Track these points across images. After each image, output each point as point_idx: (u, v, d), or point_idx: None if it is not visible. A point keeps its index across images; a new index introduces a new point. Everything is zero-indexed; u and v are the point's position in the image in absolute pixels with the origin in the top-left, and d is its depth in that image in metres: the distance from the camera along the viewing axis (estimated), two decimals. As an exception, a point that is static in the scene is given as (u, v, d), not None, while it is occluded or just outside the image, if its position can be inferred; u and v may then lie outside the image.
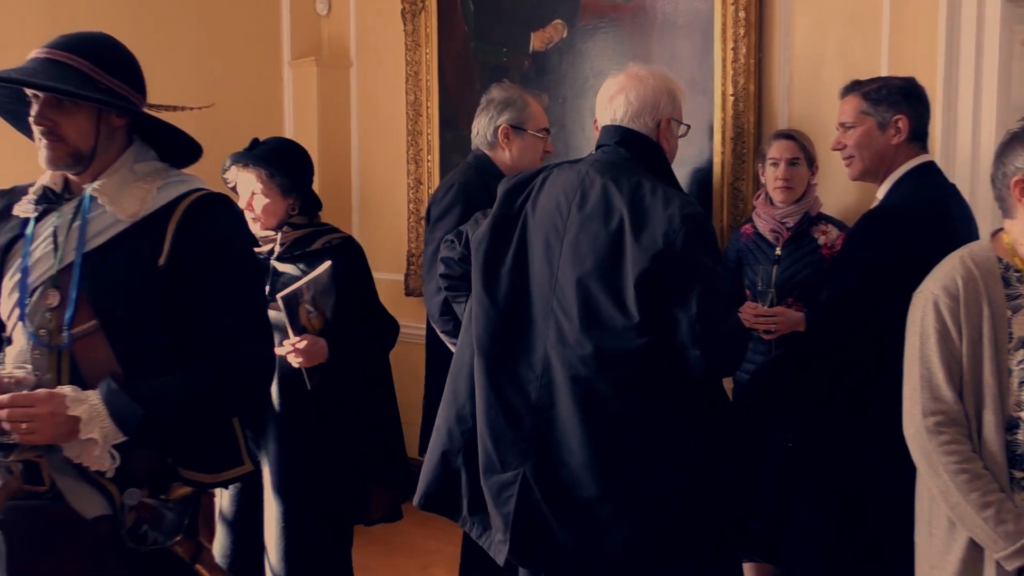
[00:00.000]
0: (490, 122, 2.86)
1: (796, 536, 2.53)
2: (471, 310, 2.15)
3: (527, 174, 2.19)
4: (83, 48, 1.67)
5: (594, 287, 1.94)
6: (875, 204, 2.39)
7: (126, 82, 1.71)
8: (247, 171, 2.51)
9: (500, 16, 3.86)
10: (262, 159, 2.50)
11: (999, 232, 1.84)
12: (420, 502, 2.18)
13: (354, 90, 4.54)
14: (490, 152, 2.88)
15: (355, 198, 4.59)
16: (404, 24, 4.19)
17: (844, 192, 2.94)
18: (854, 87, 2.41)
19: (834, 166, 2.78)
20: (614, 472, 1.91)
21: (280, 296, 2.31)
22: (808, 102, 3.03)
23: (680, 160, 2.38)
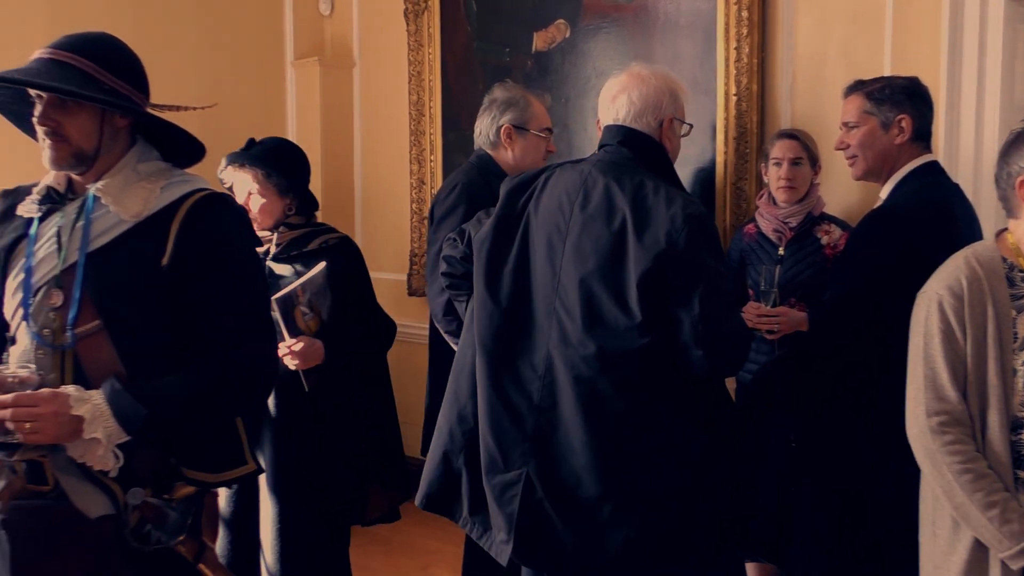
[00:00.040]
0: (493, 122, 2.86)
1: (797, 536, 2.53)
2: (473, 310, 2.15)
3: (530, 174, 2.19)
4: (86, 48, 1.67)
5: (597, 287, 1.94)
6: (878, 204, 2.38)
7: (129, 82, 1.71)
8: (243, 171, 2.50)
9: (503, 16, 3.86)
10: (258, 159, 2.48)
11: (1003, 232, 1.84)
12: (421, 502, 2.18)
13: (357, 90, 4.54)
14: (493, 152, 2.88)
15: (358, 198, 4.59)
16: (407, 24, 4.19)
17: (847, 192, 2.94)
18: (857, 87, 2.41)
19: (837, 166, 2.77)
20: (615, 472, 1.91)
21: (274, 298, 2.29)
22: (811, 102, 3.03)
23: (683, 160, 2.38)
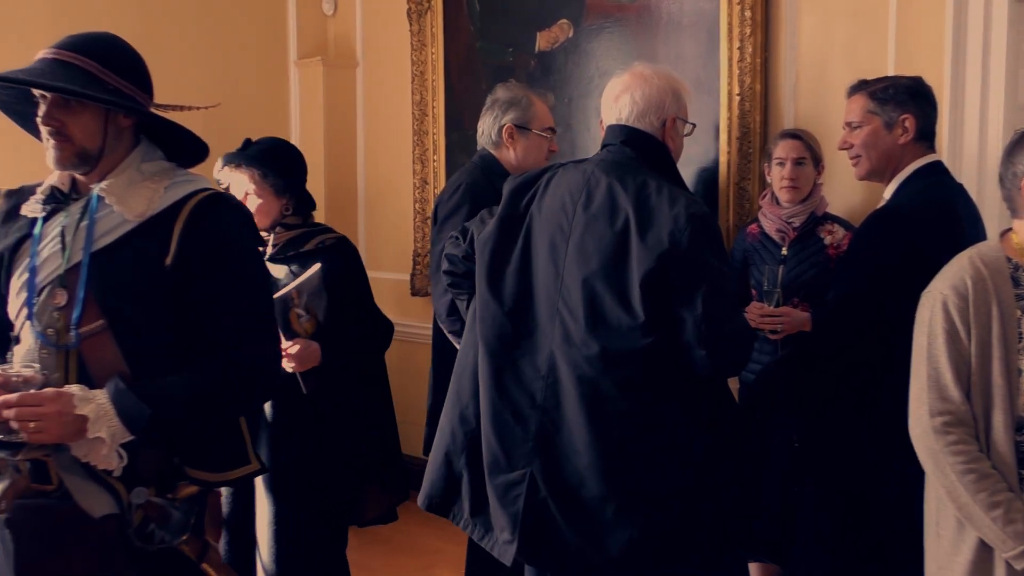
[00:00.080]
0: (495, 121, 2.86)
1: (800, 536, 2.53)
2: (474, 310, 2.15)
3: (532, 173, 2.19)
4: (90, 48, 1.67)
5: (600, 287, 1.94)
6: (882, 204, 2.38)
7: (133, 82, 1.71)
8: (239, 172, 2.49)
9: (506, 16, 3.86)
10: (255, 159, 2.48)
11: (1008, 232, 1.84)
12: (423, 503, 2.18)
13: (360, 90, 4.55)
14: (495, 152, 2.88)
15: (361, 198, 4.59)
16: (410, 24, 4.20)
17: (850, 192, 2.94)
18: (861, 86, 2.41)
19: (840, 166, 2.77)
20: (618, 472, 1.91)
21: None
22: (814, 101, 3.03)
23: (686, 160, 2.38)
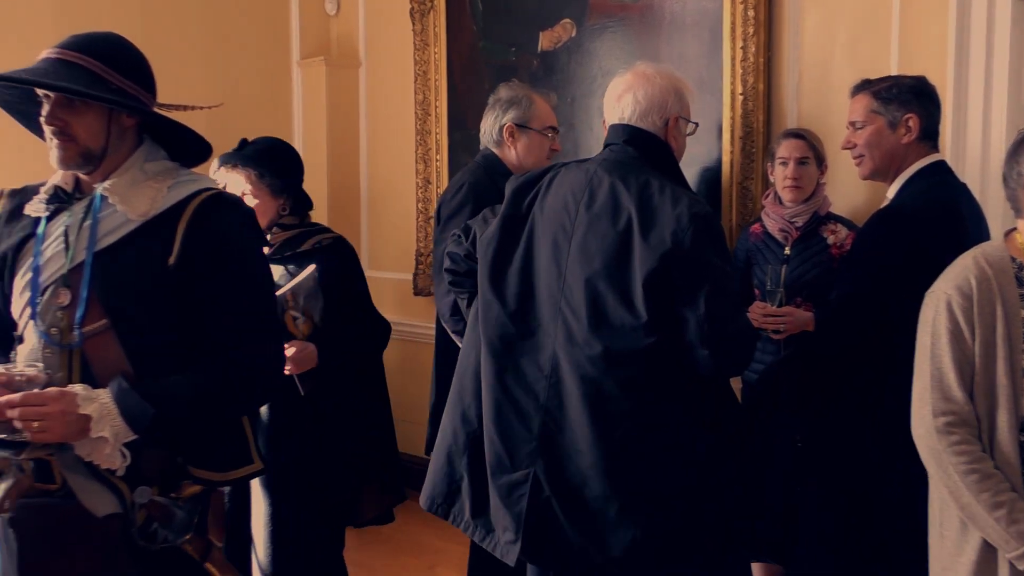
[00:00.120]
0: (495, 121, 2.87)
1: (803, 536, 2.53)
2: (477, 310, 2.15)
3: (535, 173, 2.19)
4: (94, 48, 1.67)
5: (602, 287, 1.94)
6: (885, 203, 2.38)
7: (136, 82, 1.71)
8: (236, 172, 2.47)
9: (509, 15, 3.86)
10: (251, 159, 2.47)
11: (1012, 232, 1.83)
12: (425, 504, 2.18)
13: (363, 90, 4.55)
14: (497, 151, 2.89)
15: (364, 197, 4.60)
16: (413, 24, 4.20)
17: (853, 191, 2.93)
18: (864, 86, 2.40)
19: (843, 165, 2.77)
20: (621, 472, 1.91)
21: None
22: (817, 101, 3.03)
23: (689, 159, 2.38)
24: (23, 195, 1.80)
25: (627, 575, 1.94)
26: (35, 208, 1.75)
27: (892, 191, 2.37)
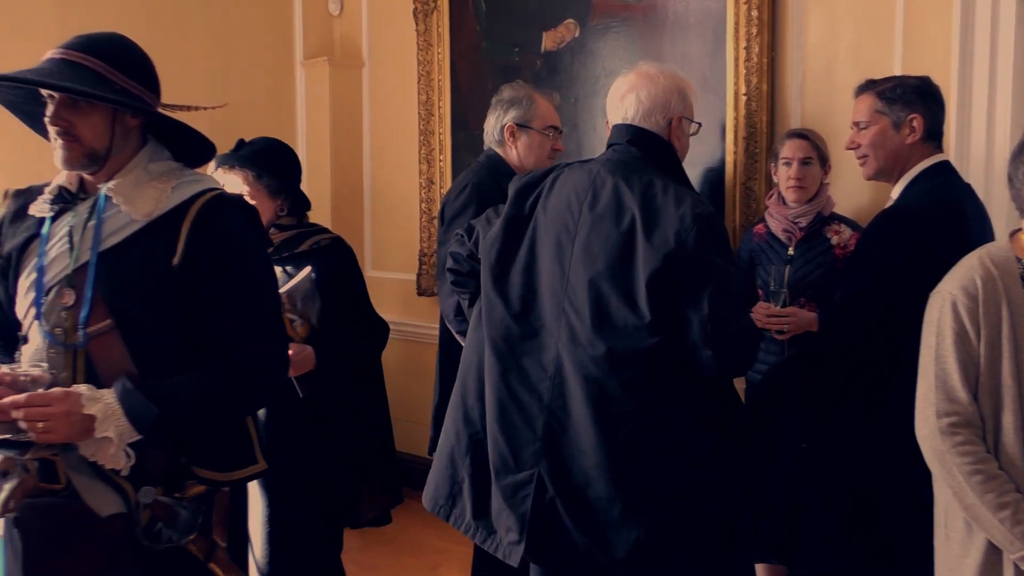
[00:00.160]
0: (497, 121, 2.88)
1: (807, 536, 2.52)
2: (480, 311, 2.15)
3: (538, 173, 2.19)
4: (98, 49, 1.68)
5: (606, 287, 1.94)
6: (889, 204, 2.38)
7: (140, 82, 1.72)
8: (233, 173, 2.46)
9: (512, 16, 3.86)
10: (249, 160, 2.46)
11: (1017, 232, 1.83)
12: (428, 505, 2.18)
13: (366, 90, 4.55)
14: (500, 151, 2.89)
15: (367, 198, 4.60)
16: (416, 24, 4.20)
17: (857, 192, 2.93)
18: (869, 86, 2.40)
19: (847, 165, 2.77)
20: (624, 472, 1.91)
21: None
22: (821, 101, 3.02)
23: (692, 159, 2.38)
24: (27, 195, 1.80)
25: (631, 575, 1.95)
26: (39, 208, 1.75)
27: (896, 191, 2.37)
